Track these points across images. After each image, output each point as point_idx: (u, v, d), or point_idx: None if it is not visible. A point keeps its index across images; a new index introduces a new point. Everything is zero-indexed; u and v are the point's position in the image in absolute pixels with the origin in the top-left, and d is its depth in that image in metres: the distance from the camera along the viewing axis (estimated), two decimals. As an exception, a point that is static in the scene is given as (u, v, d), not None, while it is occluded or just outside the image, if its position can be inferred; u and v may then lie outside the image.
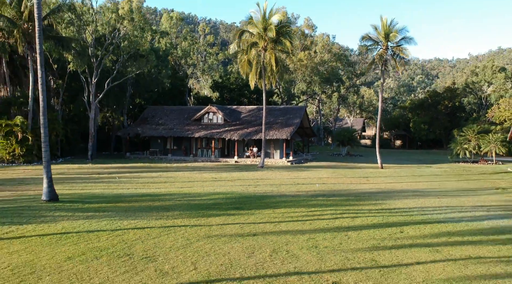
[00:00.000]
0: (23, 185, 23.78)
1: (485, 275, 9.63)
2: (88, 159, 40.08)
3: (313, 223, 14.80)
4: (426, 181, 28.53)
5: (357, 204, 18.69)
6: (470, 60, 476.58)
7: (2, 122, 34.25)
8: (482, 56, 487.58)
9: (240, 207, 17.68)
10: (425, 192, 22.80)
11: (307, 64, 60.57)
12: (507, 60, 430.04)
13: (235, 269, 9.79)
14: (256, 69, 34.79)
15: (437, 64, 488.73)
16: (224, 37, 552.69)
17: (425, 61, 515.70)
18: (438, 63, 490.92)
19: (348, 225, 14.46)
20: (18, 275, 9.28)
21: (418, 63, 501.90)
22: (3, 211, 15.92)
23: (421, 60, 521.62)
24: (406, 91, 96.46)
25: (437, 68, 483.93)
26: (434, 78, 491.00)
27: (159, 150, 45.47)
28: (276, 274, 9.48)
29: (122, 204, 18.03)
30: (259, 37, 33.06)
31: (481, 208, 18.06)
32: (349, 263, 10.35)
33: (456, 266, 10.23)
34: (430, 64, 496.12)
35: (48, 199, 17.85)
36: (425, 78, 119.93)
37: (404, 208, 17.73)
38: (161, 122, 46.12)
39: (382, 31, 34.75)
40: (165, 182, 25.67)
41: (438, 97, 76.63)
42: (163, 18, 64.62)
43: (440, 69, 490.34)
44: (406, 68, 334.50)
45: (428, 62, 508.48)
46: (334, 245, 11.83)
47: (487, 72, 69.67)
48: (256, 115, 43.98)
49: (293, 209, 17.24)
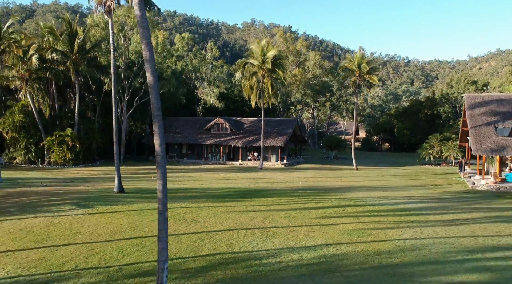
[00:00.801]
0: (89, 182, 32.15)
1: (377, 228, 17.95)
2: (120, 162, 48.45)
3: (290, 205, 23.15)
4: (385, 180, 36.82)
5: (324, 195, 27.00)
6: (470, 62, 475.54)
7: (57, 133, 42.67)
8: (481, 58, 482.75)
9: (244, 196, 26.01)
10: (377, 188, 31.09)
11: (300, 79, 68.92)
12: (505, 62, 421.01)
13: (243, 225, 18.16)
14: (256, 92, 43.25)
15: (436, 66, 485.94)
16: (226, 38, 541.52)
17: (425, 63, 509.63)
18: (438, 64, 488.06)
19: (312, 206, 22.80)
20: (131, 227, 17.68)
21: (418, 65, 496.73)
22: (93, 198, 24.30)
23: (421, 61, 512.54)
24: (392, 100, 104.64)
25: (437, 69, 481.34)
26: (434, 80, 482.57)
27: (176, 154, 53.88)
28: (265, 227, 17.85)
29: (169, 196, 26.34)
30: (259, 68, 41.55)
31: (406, 198, 26.32)
32: (305, 223, 18.70)
33: (363, 225, 18.56)
34: (430, 66, 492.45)
35: (118, 190, 26.24)
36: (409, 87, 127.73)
37: (353, 197, 26.03)
38: (178, 131, 54.53)
39: (356, 62, 43.18)
40: (188, 180, 34.01)
41: (419, 106, 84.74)
42: (176, 38, 73.03)
43: (440, 70, 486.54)
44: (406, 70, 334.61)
45: (428, 64, 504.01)
46: (299, 216, 20.19)
47: (460, 85, 77.84)
48: (257, 126, 52.30)
49: (279, 198, 25.60)
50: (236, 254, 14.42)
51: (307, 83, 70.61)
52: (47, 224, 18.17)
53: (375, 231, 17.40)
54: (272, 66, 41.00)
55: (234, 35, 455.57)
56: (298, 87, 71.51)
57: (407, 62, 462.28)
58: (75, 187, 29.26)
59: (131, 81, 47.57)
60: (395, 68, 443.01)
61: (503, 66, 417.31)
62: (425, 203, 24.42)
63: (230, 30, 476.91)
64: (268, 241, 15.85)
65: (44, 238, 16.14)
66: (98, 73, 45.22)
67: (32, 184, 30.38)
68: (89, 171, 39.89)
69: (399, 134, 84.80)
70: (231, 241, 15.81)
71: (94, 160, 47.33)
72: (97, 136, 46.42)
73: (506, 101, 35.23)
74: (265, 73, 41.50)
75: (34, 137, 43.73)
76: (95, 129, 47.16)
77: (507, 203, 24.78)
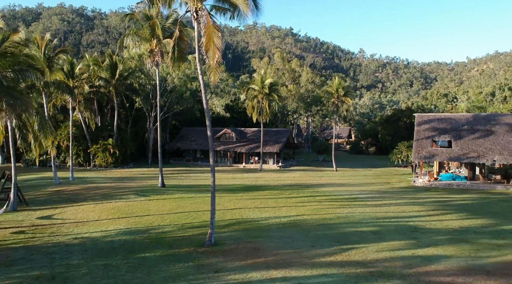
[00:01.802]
0: (135, 180, 42.72)
1: (329, 208, 28.48)
2: (148, 164, 59.15)
3: (279, 195, 33.70)
4: (354, 178, 47.28)
5: (303, 189, 37.51)
6: (468, 63, 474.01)
7: (101, 142, 53.36)
8: (480, 60, 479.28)
9: (247, 189, 36.54)
10: (344, 184, 41.54)
11: (295, 94, 79.48)
12: (503, 64, 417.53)
13: (247, 206, 28.76)
14: (257, 110, 53.87)
15: (435, 67, 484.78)
16: (228, 40, 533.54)
17: (424, 64, 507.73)
18: (437, 66, 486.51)
19: (293, 196, 33.33)
20: (179, 207, 28.29)
21: (417, 67, 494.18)
22: (147, 191, 34.84)
23: (420, 63, 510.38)
24: (378, 108, 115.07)
25: (436, 71, 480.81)
26: (433, 81, 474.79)
27: (192, 158, 64.47)
28: (261, 207, 28.46)
29: (194, 188, 36.97)
30: (259, 92, 52.21)
31: (361, 191, 36.75)
32: (286, 205, 29.26)
33: (322, 206, 29.08)
34: (429, 67, 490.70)
35: (161, 185, 36.81)
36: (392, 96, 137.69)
37: (324, 191, 36.53)
38: (193, 140, 65.15)
39: (334, 87, 53.84)
40: (205, 179, 44.51)
41: (400, 114, 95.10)
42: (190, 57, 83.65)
43: (439, 72, 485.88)
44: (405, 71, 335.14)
45: (427, 65, 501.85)
46: (283, 201, 30.74)
47: (433, 97, 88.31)
48: (257, 135, 62.85)
49: (272, 191, 36.15)
50: (244, 219, 24.95)
51: (300, 96, 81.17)
52: (126, 205, 28.78)
53: (327, 209, 27.93)
54: (269, 91, 51.77)
55: (236, 37, 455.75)
56: (293, 100, 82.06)
57: (407, 64, 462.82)
58: (128, 183, 39.91)
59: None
60: (394, 69, 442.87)
61: (500, 68, 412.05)
62: (372, 194, 34.93)
63: (232, 32, 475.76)
64: (262, 214, 26.39)
65: (129, 212, 26.73)
66: (132, 94, 55.90)
67: (95, 181, 41.07)
68: (127, 172, 50.53)
69: (382, 140, 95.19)
70: (241, 213, 26.35)
71: (127, 163, 57.96)
72: (130, 144, 57.11)
73: (445, 120, 45.73)
74: (264, 96, 52.21)
75: (83, 145, 54.43)
76: (128, 139, 57.84)
77: (428, 194, 35.30)
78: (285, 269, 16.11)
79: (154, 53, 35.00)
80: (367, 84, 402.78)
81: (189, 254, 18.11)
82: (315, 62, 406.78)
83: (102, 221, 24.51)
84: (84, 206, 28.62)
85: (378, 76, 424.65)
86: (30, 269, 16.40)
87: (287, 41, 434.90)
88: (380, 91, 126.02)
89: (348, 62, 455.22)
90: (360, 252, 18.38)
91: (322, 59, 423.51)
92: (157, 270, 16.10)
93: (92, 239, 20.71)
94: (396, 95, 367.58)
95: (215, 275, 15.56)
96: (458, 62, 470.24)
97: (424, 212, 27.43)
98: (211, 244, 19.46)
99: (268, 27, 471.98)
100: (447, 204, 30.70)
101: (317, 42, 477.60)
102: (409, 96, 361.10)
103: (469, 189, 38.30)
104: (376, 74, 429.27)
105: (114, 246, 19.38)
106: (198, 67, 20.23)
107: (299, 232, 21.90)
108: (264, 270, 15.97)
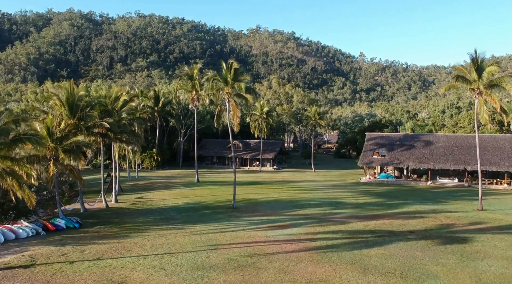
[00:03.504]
0: (176, 178, 61.57)
1: (299, 194, 47.30)
2: (179, 167, 78.09)
3: (271, 187, 52.56)
4: (324, 177, 65.80)
5: (287, 183, 56.22)
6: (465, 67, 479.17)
7: (148, 151, 72.32)
8: None
9: (252, 184, 55.39)
10: (314, 181, 60.10)
11: (288, 112, 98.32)
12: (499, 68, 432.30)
13: (251, 193, 47.74)
14: (257, 128, 72.72)
15: (434, 71, 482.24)
16: (232, 45, 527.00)
17: (423, 68, 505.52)
18: (435, 69, 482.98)
19: (279, 187, 52.18)
20: (211, 194, 47.29)
21: (415, 70, 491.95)
22: (189, 184, 53.74)
23: (419, 66, 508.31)
24: (358, 121, 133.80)
25: (434, 74, 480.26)
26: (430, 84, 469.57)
27: (210, 162, 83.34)
28: (260, 193, 47.41)
29: (217, 183, 55.82)
30: (259, 116, 71.07)
31: (323, 184, 55.37)
32: (273, 192, 48.18)
33: (295, 192, 47.91)
34: (428, 71, 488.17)
35: (197, 181, 55.67)
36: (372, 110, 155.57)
37: (300, 184, 55.23)
38: (210, 148, 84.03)
39: (312, 113, 72.60)
40: (223, 177, 63.24)
41: (374, 127, 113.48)
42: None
43: (437, 75, 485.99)
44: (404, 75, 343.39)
45: (425, 69, 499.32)
46: (273, 190, 49.65)
47: (398, 113, 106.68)
48: (258, 145, 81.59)
49: (267, 185, 55.02)
50: (249, 198, 43.69)
51: (292, 114, 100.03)
52: (181, 192, 47.69)
53: (296, 194, 46.70)
54: (266, 116, 70.64)
55: (240, 41, 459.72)
56: (287, 116, 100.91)
57: (406, 67, 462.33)
58: (173, 180, 58.83)
59: (186, 121, 77.41)
60: (393, 73, 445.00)
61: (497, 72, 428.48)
62: (328, 186, 53.62)
63: (236, 36, 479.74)
64: (259, 196, 45.13)
65: (185, 195, 45.61)
66: (168, 117, 74.90)
67: (151, 178, 60.04)
68: (167, 172, 69.39)
69: (359, 146, 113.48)
70: (247, 195, 45.10)
71: (164, 166, 76.93)
72: (167, 152, 76.08)
73: (384, 137, 64.38)
74: (262, 119, 71.11)
75: (136, 154, 73.38)
76: (164, 148, 76.83)
77: (363, 187, 53.90)
78: (268, 216, 34.93)
79: (193, 99, 53.92)
80: (367, 87, 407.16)
81: (223, 211, 37.01)
82: (316, 66, 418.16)
83: (172, 199, 43.43)
84: (157, 192, 47.61)
85: (378, 80, 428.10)
86: (152, 216, 35.30)
87: (289, 45, 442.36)
88: (350, 113, 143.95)
89: (349, 65, 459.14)
90: (305, 211, 37.17)
91: (323, 63, 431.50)
92: (209, 217, 34.94)
93: (172, 206, 39.63)
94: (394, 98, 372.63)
95: (236, 218, 34.39)
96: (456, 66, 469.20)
97: (351, 195, 46.24)
98: (233, 207, 38.35)
99: (271, 31, 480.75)
100: (370, 192, 49.38)
101: (319, 46, 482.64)
102: (407, 99, 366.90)
103: (393, 183, 56.96)
104: (376, 78, 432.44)
105: (185, 208, 38.31)
106: (229, 125, 39.12)
107: (278, 203, 40.78)
108: (258, 216, 34.81)
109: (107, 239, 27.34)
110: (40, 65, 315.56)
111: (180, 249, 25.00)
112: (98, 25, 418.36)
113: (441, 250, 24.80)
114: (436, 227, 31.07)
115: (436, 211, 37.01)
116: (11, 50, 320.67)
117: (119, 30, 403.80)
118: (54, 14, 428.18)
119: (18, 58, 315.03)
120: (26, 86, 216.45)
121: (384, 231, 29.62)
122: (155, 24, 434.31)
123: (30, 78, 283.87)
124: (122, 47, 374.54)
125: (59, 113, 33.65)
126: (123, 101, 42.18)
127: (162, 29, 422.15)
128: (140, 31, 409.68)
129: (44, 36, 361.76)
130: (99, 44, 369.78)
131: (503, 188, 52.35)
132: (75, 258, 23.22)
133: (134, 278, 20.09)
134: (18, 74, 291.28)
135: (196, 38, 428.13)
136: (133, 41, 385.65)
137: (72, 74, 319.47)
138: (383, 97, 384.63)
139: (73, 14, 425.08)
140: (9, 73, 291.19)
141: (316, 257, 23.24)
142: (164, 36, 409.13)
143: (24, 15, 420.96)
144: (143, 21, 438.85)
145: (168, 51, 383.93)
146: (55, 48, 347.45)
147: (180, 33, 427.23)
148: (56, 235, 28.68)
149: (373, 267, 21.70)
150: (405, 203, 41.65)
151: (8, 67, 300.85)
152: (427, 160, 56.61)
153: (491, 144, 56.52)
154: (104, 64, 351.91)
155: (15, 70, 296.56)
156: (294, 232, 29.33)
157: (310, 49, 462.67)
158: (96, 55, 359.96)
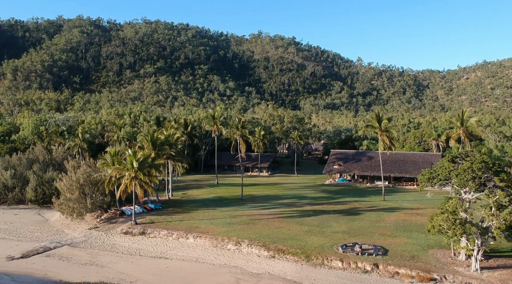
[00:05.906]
0: (201, 181, 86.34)
1: (277, 190, 71.95)
2: (200, 173, 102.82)
3: (264, 187, 77.30)
4: (302, 180, 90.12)
5: (276, 184, 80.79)
6: (459, 72, 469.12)
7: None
8: (469, 68, 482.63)
9: (253, 185, 80.00)
10: (294, 183, 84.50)
11: (280, 130, 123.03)
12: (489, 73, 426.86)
13: (253, 190, 72.45)
14: (256, 146, 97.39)
15: (428, 75, 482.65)
16: (235, 50, 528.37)
17: (418, 72, 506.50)
18: (430, 74, 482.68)
19: (270, 187, 76.87)
20: (228, 191, 72.12)
21: (411, 74, 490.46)
22: (210, 185, 78.56)
23: (415, 71, 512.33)
24: (337, 134, 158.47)
25: (428, 78, 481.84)
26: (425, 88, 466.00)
27: (221, 169, 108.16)
28: (258, 190, 72.18)
29: (230, 185, 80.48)
30: (258, 137, 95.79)
31: (298, 186, 79.87)
32: (265, 189, 72.93)
33: (277, 189, 72.61)
34: (423, 75, 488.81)
35: (216, 183, 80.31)
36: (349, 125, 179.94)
37: (283, 185, 79.80)
38: (222, 159, 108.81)
39: (294, 135, 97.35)
40: (234, 181, 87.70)
41: (348, 140, 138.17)
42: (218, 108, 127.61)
43: (431, 79, 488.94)
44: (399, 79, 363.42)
45: (421, 73, 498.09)
46: (265, 189, 74.43)
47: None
48: (257, 156, 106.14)
49: (262, 186, 79.72)
50: (251, 193, 68.24)
51: (283, 132, 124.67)
52: (208, 190, 72.46)
53: (280, 191, 71.31)
54: (262, 137, 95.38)
55: (242, 46, 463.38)
56: (279, 133, 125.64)
57: (402, 72, 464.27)
58: (200, 182, 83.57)
59: (206, 139, 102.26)
60: (389, 77, 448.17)
61: (487, 77, 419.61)
62: (302, 186, 78.09)
63: (238, 41, 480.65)
64: (257, 192, 69.72)
65: (211, 192, 70.36)
66: (194, 137, 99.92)
67: (185, 181, 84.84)
68: (194, 177, 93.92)
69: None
70: (250, 193, 69.57)
71: (189, 172, 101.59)
72: (192, 162, 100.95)
73: (342, 153, 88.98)
74: (260, 140, 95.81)
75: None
76: (189, 159, 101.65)
77: (325, 187, 78.44)
78: (261, 203, 59.66)
79: (214, 130, 78.63)
80: (363, 91, 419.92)
81: (236, 200, 61.81)
82: (315, 70, 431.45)
83: (204, 194, 68.11)
84: (193, 190, 72.34)
85: (374, 84, 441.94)
86: (196, 203, 60.10)
87: (290, 50, 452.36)
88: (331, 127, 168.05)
89: (347, 70, 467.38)
90: (282, 201, 61.80)
91: (322, 68, 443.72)
92: (228, 204, 59.68)
93: (205, 198, 64.37)
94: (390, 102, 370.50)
95: (243, 204, 59.07)
96: (450, 70, 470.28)
97: (313, 192, 70.74)
98: (242, 199, 63.10)
99: (272, 36, 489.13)
100: (326, 191, 73.63)
101: (318, 50, 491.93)
102: (401, 103, 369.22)
103: (345, 185, 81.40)
104: (372, 82, 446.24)
105: (213, 199, 63.14)
106: (239, 152, 63.87)
107: (268, 196, 65.52)
108: (255, 203, 59.54)
109: (180, 214, 52.22)
110: (54, 72, 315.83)
111: (216, 217, 49.92)
112: (106, 31, 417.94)
113: (341, 217, 49.64)
114: (349, 208, 55.76)
115: (357, 201, 61.61)
116: (26, 57, 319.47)
117: (127, 36, 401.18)
118: (65, 21, 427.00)
119: (34, 66, 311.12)
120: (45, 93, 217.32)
121: (320, 210, 54.37)
122: (161, 30, 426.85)
123: (46, 84, 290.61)
124: (131, 53, 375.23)
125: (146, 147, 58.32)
126: (177, 137, 67.06)
127: (167, 35, 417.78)
128: (147, 37, 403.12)
129: (57, 43, 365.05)
130: (109, 51, 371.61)
131: (413, 188, 76.82)
132: (169, 220, 48.16)
133: (201, 227, 45.06)
134: (35, 81, 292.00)
135: (200, 43, 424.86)
136: (140, 48, 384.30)
137: (84, 81, 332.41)
138: (378, 101, 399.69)
139: (82, 21, 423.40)
140: (26, 80, 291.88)
141: (281, 220, 48.13)
142: (170, 42, 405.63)
143: (36, 22, 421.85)
144: (149, 27, 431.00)
145: (174, 57, 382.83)
146: (67, 55, 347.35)
147: (185, 39, 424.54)
148: (152, 212, 53.54)
149: (306, 223, 46.57)
150: (343, 196, 66.21)
151: (25, 74, 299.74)
152: (367, 169, 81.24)
153: (410, 159, 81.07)
154: (114, 70, 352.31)
155: (31, 76, 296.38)
156: (273, 211, 54.11)
157: (310, 54, 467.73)
158: (106, 62, 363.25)
